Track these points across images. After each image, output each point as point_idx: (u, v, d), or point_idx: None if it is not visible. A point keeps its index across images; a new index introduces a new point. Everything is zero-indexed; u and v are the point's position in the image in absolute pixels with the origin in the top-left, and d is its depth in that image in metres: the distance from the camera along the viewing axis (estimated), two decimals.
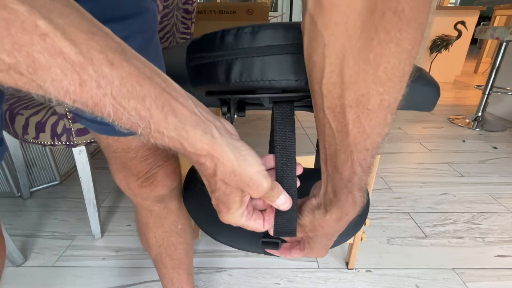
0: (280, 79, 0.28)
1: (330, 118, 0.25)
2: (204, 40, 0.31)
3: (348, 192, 0.28)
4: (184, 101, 0.23)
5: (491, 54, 4.29)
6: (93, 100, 0.19)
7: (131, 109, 0.20)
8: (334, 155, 0.27)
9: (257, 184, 0.26)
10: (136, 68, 0.20)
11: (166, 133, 0.22)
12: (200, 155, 0.24)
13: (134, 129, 0.21)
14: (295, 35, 0.28)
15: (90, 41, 0.18)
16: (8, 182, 1.27)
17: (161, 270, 0.66)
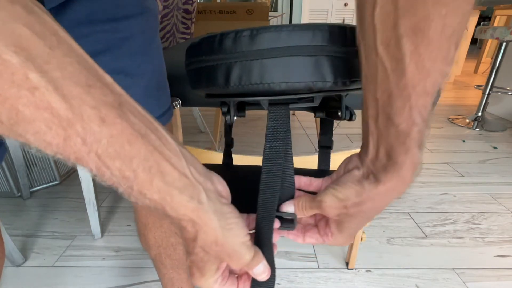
0: (279, 82, 0.28)
1: (383, 55, 0.22)
2: (203, 43, 0.31)
3: (406, 151, 0.24)
4: (176, 161, 0.21)
5: (491, 54, 4.29)
6: (76, 155, 0.18)
7: (115, 169, 0.19)
8: (388, 104, 0.23)
9: (238, 256, 0.24)
10: (130, 125, 0.19)
11: (149, 196, 0.20)
12: (182, 220, 0.22)
13: (115, 186, 0.20)
14: (294, 38, 0.28)
15: (85, 95, 0.17)
16: (8, 182, 1.27)
17: (161, 270, 0.66)
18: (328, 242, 0.31)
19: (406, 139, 0.24)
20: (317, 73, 0.28)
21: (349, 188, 0.27)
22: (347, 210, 0.27)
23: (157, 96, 0.49)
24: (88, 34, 0.39)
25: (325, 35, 0.28)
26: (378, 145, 0.26)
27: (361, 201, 0.27)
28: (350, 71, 0.29)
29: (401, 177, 0.25)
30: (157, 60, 0.48)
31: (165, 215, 0.22)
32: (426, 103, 0.22)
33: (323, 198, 0.28)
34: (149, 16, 0.45)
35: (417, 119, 0.23)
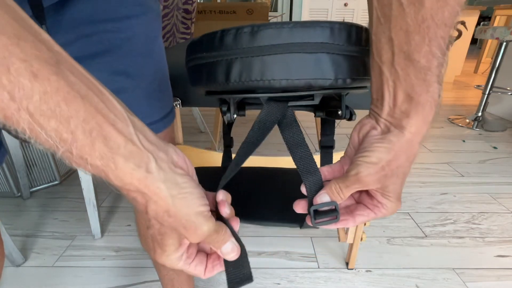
0: (280, 79, 0.28)
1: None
2: (204, 40, 0.31)
3: (427, 88, 0.24)
4: (123, 126, 0.20)
5: (491, 54, 4.29)
6: (4, 113, 0.16)
7: (50, 129, 0.17)
8: (406, 42, 0.23)
9: (195, 227, 0.23)
10: (68, 84, 0.17)
11: (90, 161, 0.19)
12: (129, 190, 0.21)
13: (52, 151, 0.18)
14: (295, 35, 0.28)
15: (13, 47, 0.15)
16: (8, 182, 1.27)
17: (161, 271, 0.66)
18: (381, 214, 0.29)
19: (427, 75, 0.23)
20: (318, 70, 0.28)
21: (378, 148, 0.26)
22: (385, 171, 0.26)
23: (160, 98, 0.49)
24: (90, 34, 0.39)
25: (326, 32, 0.28)
26: (396, 92, 0.25)
27: (394, 155, 0.26)
28: (351, 69, 0.29)
29: (425, 118, 0.25)
30: (159, 62, 0.48)
31: (111, 183, 0.20)
32: (444, 35, 0.22)
33: (358, 170, 0.27)
34: (152, 16, 0.44)
35: (437, 52, 0.23)
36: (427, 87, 0.24)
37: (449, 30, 0.22)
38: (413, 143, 0.26)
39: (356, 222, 0.30)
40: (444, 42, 0.23)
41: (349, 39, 0.28)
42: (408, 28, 0.23)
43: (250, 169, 0.75)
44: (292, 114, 0.32)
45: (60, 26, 0.37)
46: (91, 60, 0.39)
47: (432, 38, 0.22)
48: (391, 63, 0.25)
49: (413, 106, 0.25)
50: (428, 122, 0.25)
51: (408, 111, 0.25)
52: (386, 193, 0.28)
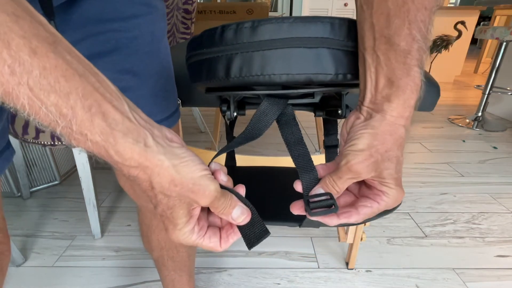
0: (280, 73, 0.28)
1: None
2: (204, 36, 0.31)
3: (407, 72, 0.24)
4: (119, 104, 0.21)
5: (491, 54, 4.29)
6: (4, 88, 0.16)
7: (50, 104, 0.17)
8: (386, 26, 0.24)
9: (203, 189, 0.23)
10: (66, 62, 0.18)
11: (90, 137, 0.19)
12: (130, 167, 0.21)
13: (52, 127, 0.19)
14: (295, 30, 0.28)
15: (12, 24, 0.16)
16: (8, 182, 1.27)
17: (163, 271, 0.66)
18: (384, 203, 0.28)
19: (407, 58, 0.24)
20: (318, 65, 0.28)
21: (362, 135, 0.26)
22: (374, 157, 0.26)
23: (165, 97, 0.49)
24: (97, 33, 0.39)
25: (326, 27, 0.28)
26: (377, 78, 0.26)
27: (380, 139, 0.26)
28: (351, 64, 0.29)
29: (405, 101, 0.25)
30: (165, 60, 0.48)
31: (111, 160, 0.21)
32: (425, 18, 0.23)
33: (347, 159, 0.27)
34: (157, 16, 0.44)
35: (417, 35, 0.23)
36: (408, 70, 0.24)
37: (429, 14, 0.23)
38: (396, 125, 0.26)
39: (360, 214, 0.29)
40: (424, 26, 0.23)
41: (349, 34, 0.28)
42: (389, 12, 0.23)
43: (250, 168, 0.75)
44: (291, 113, 0.32)
45: (68, 25, 0.38)
46: (98, 58, 0.40)
47: (412, 21, 0.23)
48: (372, 49, 0.25)
49: (394, 90, 0.25)
50: (409, 106, 0.25)
51: (389, 96, 0.25)
52: (382, 179, 0.27)
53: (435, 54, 3.37)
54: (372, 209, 0.29)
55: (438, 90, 0.65)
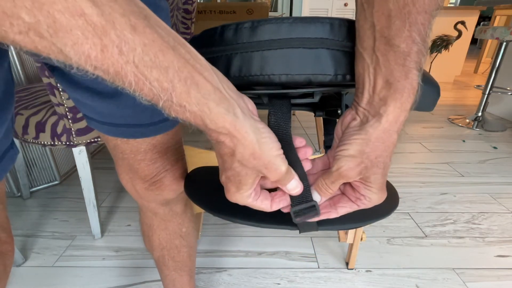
0: (279, 74, 0.28)
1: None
2: (204, 36, 0.31)
3: (406, 74, 0.24)
4: (209, 75, 0.22)
5: (491, 54, 4.29)
6: (114, 68, 0.18)
7: (153, 79, 0.19)
8: (387, 26, 0.24)
9: (275, 168, 0.25)
10: (160, 36, 0.19)
11: (188, 108, 0.21)
12: (220, 133, 0.23)
13: (155, 101, 0.20)
14: (295, 30, 0.28)
15: (112, 2, 0.17)
16: (8, 182, 1.27)
17: (163, 271, 0.66)
18: (364, 206, 0.30)
19: (406, 60, 0.24)
20: (318, 66, 0.28)
21: (355, 140, 0.27)
22: (365, 163, 0.27)
23: None
24: None
25: (326, 28, 0.28)
26: (376, 79, 0.26)
27: (372, 147, 0.26)
28: (351, 65, 0.29)
29: (402, 104, 0.25)
30: None
31: (205, 128, 0.22)
32: (425, 21, 0.23)
33: (339, 165, 0.28)
34: (162, 15, 0.44)
35: (417, 37, 0.23)
36: (406, 73, 0.24)
37: (429, 17, 0.23)
38: (390, 132, 0.26)
39: (339, 214, 0.31)
40: (423, 29, 0.23)
41: (349, 35, 0.28)
42: (390, 13, 0.23)
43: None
44: (288, 111, 0.32)
45: None
46: None
47: (412, 23, 0.23)
48: (372, 49, 0.25)
49: (391, 93, 0.25)
50: (405, 110, 0.26)
51: (386, 98, 0.26)
52: (368, 184, 0.28)
53: (435, 54, 3.37)
54: (350, 210, 0.31)
55: (438, 90, 0.65)
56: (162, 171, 0.49)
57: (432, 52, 3.37)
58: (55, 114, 0.88)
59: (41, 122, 0.88)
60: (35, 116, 0.89)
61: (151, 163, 0.48)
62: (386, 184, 0.29)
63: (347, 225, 0.36)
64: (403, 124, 0.27)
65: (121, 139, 0.45)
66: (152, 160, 0.47)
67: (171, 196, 0.53)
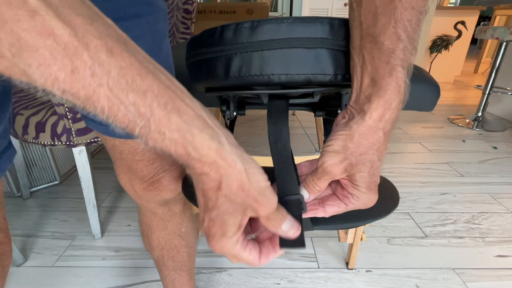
0: (279, 74, 0.28)
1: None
2: (204, 35, 0.31)
3: (390, 71, 0.24)
4: (191, 102, 0.21)
5: (491, 54, 4.29)
6: (85, 91, 0.16)
7: (129, 103, 0.17)
8: (373, 24, 0.24)
9: (266, 200, 0.23)
10: (138, 61, 0.18)
11: (168, 135, 0.19)
12: (204, 163, 0.21)
13: (130, 128, 0.18)
14: (295, 30, 0.28)
15: (88, 25, 0.16)
16: (8, 182, 1.27)
17: (163, 271, 0.66)
18: (353, 205, 0.29)
19: (391, 57, 0.23)
20: (317, 66, 0.28)
21: (339, 136, 0.27)
22: (349, 159, 0.26)
23: None
24: None
25: (325, 28, 0.28)
26: (362, 77, 0.26)
27: (356, 143, 0.26)
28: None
29: (386, 102, 0.25)
30: (167, 60, 0.48)
31: (188, 158, 0.20)
32: (411, 18, 0.23)
33: (322, 160, 0.28)
34: (159, 16, 0.44)
35: (402, 34, 0.23)
36: (390, 70, 0.24)
37: (417, 14, 0.23)
38: (374, 129, 0.26)
39: (327, 212, 0.30)
40: (410, 26, 0.23)
41: (348, 35, 0.28)
42: (376, 10, 0.23)
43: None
44: (285, 110, 0.33)
45: None
46: None
47: (397, 19, 0.23)
48: (359, 48, 0.25)
49: (376, 90, 0.25)
50: (391, 107, 0.25)
51: (370, 95, 0.25)
52: (354, 182, 0.28)
53: (435, 54, 3.37)
54: (339, 209, 0.30)
55: (438, 90, 0.65)
56: (160, 171, 0.49)
57: (432, 52, 3.37)
58: (55, 114, 0.88)
59: (41, 122, 0.88)
60: (35, 116, 0.89)
61: (149, 163, 0.48)
62: (386, 184, 0.29)
63: (343, 225, 0.36)
64: (392, 124, 0.26)
65: (119, 140, 0.45)
66: (150, 161, 0.47)
67: (170, 196, 0.53)
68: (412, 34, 0.23)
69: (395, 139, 1.95)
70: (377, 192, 0.29)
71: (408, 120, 2.29)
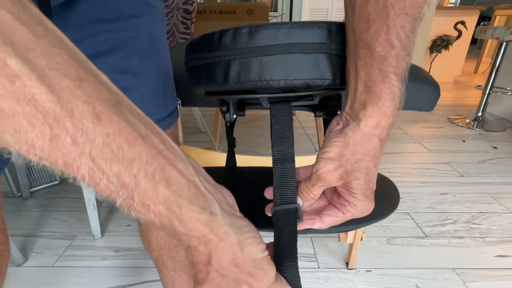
0: (278, 79, 0.28)
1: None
2: (203, 40, 0.31)
3: (383, 78, 0.23)
4: (183, 167, 0.19)
5: (491, 54, 4.29)
6: (64, 160, 0.15)
7: (112, 175, 0.16)
8: (365, 30, 0.23)
9: (262, 274, 0.21)
10: (129, 124, 0.17)
11: (153, 207, 0.17)
12: (192, 237, 0.19)
13: (112, 198, 0.17)
14: (293, 35, 0.28)
15: (76, 89, 0.15)
16: (8, 182, 1.27)
17: (162, 271, 0.66)
18: (350, 214, 0.28)
19: (383, 64, 0.23)
20: (316, 71, 0.28)
21: (334, 143, 0.26)
22: (344, 166, 0.26)
23: (164, 97, 0.49)
24: (96, 33, 0.39)
25: (324, 33, 0.28)
26: (356, 83, 0.25)
27: (351, 150, 0.26)
28: None
29: (380, 109, 0.24)
30: (164, 61, 0.48)
31: (173, 231, 0.19)
32: (404, 24, 0.22)
33: (318, 167, 0.27)
34: (157, 16, 0.44)
35: (395, 41, 0.22)
36: (383, 77, 0.24)
37: (411, 20, 0.22)
38: (370, 136, 0.25)
39: (324, 222, 0.29)
40: (403, 32, 0.22)
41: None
42: (369, 16, 0.23)
43: (250, 169, 0.75)
44: (289, 112, 0.32)
45: (67, 25, 0.38)
46: (97, 58, 0.40)
47: (390, 26, 0.22)
48: (353, 54, 0.25)
49: (370, 97, 0.24)
50: (386, 115, 0.24)
51: (365, 102, 0.25)
52: (350, 190, 0.27)
53: (435, 54, 3.37)
54: (336, 218, 0.29)
55: (438, 90, 0.65)
56: None
57: (432, 52, 3.37)
58: None
59: None
60: None
61: None
62: (387, 184, 0.29)
63: (342, 227, 0.35)
64: (388, 130, 0.25)
65: None
66: None
67: None
68: (405, 41, 0.23)
69: (395, 139, 1.95)
70: (373, 199, 0.28)
71: (408, 120, 2.29)
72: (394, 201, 0.49)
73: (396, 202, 0.50)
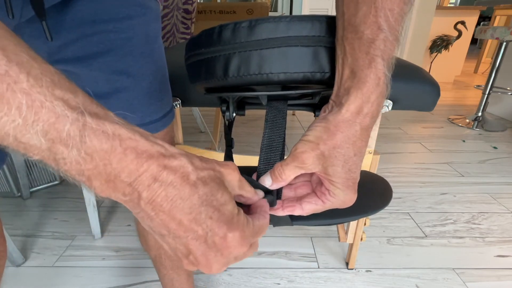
0: (278, 72, 0.28)
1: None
2: (202, 36, 0.31)
3: (369, 62, 0.23)
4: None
5: (491, 54, 4.29)
6: None
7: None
8: (354, 14, 0.23)
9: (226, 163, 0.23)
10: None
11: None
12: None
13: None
14: (293, 28, 0.28)
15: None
16: (8, 182, 1.27)
17: (161, 271, 0.66)
18: (330, 203, 0.28)
19: (370, 47, 0.23)
20: (316, 64, 0.28)
21: (315, 127, 0.27)
22: (321, 150, 0.26)
23: (159, 97, 0.49)
24: (91, 34, 0.39)
25: (323, 26, 0.28)
26: (343, 69, 0.25)
27: (330, 134, 0.25)
28: None
29: (364, 95, 0.24)
30: (159, 61, 0.48)
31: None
32: (393, 7, 0.22)
33: (296, 147, 0.27)
34: (152, 17, 0.44)
35: (383, 24, 0.22)
36: (370, 61, 0.23)
37: (400, 3, 0.22)
38: (350, 122, 0.25)
39: (304, 209, 0.29)
40: (392, 15, 0.22)
41: None
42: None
43: (249, 168, 0.75)
44: (283, 111, 0.33)
45: (62, 26, 0.38)
46: (93, 59, 0.40)
47: (378, 8, 0.22)
48: (341, 39, 0.25)
49: (355, 83, 0.24)
50: (369, 101, 0.24)
51: (349, 88, 0.25)
52: (329, 177, 0.27)
53: (435, 54, 3.37)
54: (316, 206, 0.29)
55: (438, 90, 0.65)
56: None
57: (432, 52, 3.37)
58: None
59: None
60: None
61: None
62: (376, 181, 0.28)
63: (324, 221, 0.35)
64: (372, 118, 0.25)
65: None
66: None
67: None
68: (394, 24, 0.23)
69: (395, 139, 1.95)
70: (355, 191, 0.27)
71: (408, 120, 2.29)
72: (386, 197, 0.49)
73: (388, 198, 0.50)
